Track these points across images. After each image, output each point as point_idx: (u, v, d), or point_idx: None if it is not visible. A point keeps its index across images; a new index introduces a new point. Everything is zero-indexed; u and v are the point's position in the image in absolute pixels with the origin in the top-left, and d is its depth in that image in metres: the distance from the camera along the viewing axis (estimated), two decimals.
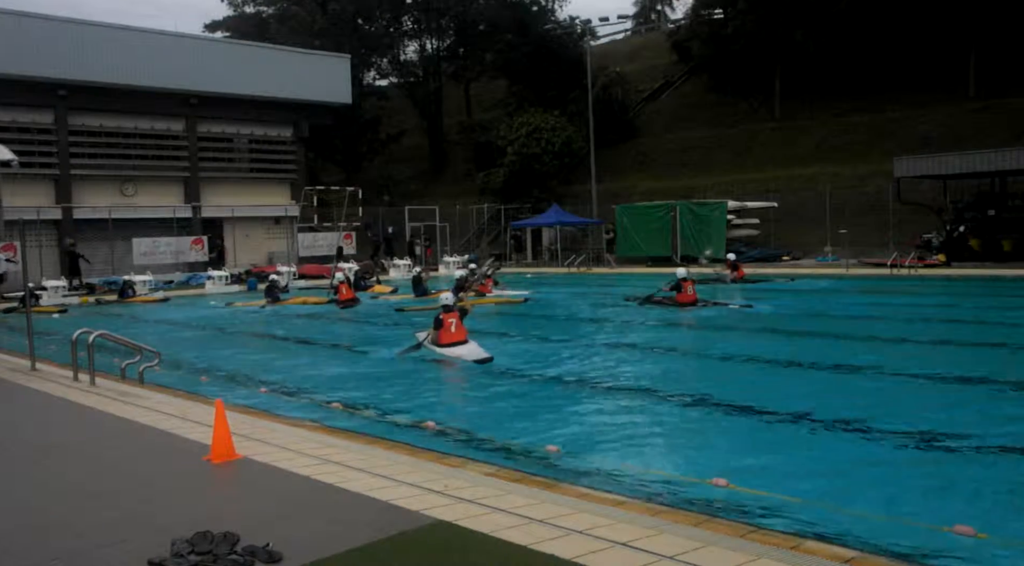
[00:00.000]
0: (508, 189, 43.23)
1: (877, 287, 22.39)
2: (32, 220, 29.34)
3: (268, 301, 22.75)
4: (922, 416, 7.89)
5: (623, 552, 4.18)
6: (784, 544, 4.40)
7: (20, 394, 9.78)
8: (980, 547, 4.77)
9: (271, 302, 22.58)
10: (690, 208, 33.90)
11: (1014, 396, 8.96)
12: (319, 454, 6.40)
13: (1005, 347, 11.98)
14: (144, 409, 8.43)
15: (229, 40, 47.20)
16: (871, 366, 10.55)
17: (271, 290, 23.12)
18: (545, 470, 6.49)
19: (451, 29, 53.63)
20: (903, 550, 4.67)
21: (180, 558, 4.14)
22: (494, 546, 4.30)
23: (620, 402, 9.22)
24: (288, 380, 11.19)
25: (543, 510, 4.92)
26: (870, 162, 34.57)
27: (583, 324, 17.16)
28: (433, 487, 5.41)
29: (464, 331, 12.69)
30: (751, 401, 8.74)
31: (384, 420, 8.59)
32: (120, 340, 10.93)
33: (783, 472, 6.42)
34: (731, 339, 13.92)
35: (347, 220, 37.91)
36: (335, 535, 4.50)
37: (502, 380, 10.72)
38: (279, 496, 5.35)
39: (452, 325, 12.55)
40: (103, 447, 6.97)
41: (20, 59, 29.96)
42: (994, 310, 16.76)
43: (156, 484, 5.72)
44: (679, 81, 50.83)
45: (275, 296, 22.87)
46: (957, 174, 27.80)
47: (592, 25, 45.05)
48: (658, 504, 5.42)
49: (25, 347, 12.31)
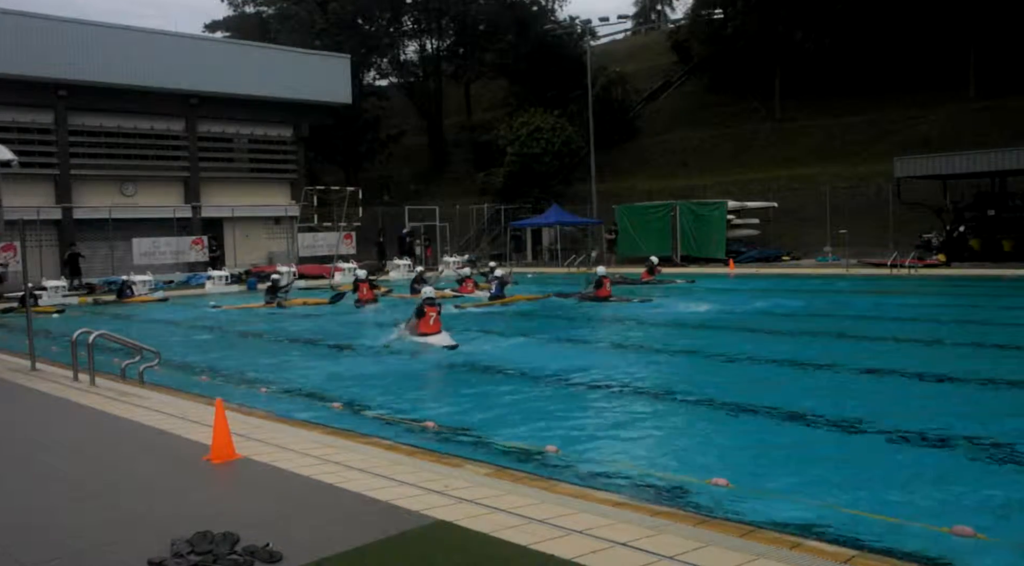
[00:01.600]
0: (508, 189, 43.22)
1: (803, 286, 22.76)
2: (32, 220, 29.33)
3: (275, 300, 22.18)
4: (922, 416, 7.89)
5: (623, 552, 4.18)
6: (784, 544, 4.39)
7: (20, 394, 9.78)
8: (980, 547, 4.77)
9: (271, 303, 22.23)
10: (690, 208, 33.90)
11: (1012, 395, 8.97)
12: (319, 454, 6.41)
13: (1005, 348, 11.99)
14: (144, 409, 8.43)
15: (229, 40, 47.22)
16: (870, 366, 10.55)
17: (272, 291, 22.88)
18: (545, 470, 6.49)
19: (451, 29, 53.63)
20: (903, 550, 4.67)
21: (180, 558, 4.14)
22: (494, 546, 4.30)
23: (620, 402, 9.22)
24: (288, 380, 11.19)
25: (543, 510, 4.92)
26: (870, 162, 34.58)
27: (583, 324, 17.15)
28: (433, 487, 5.41)
29: (440, 324, 13.84)
30: (751, 401, 8.74)
31: (384, 420, 8.59)
32: (120, 340, 10.93)
33: (783, 472, 6.42)
34: (732, 339, 13.92)
35: (347, 220, 37.91)
36: (335, 535, 4.50)
37: (502, 380, 10.73)
38: (279, 496, 5.35)
39: (432, 318, 13.72)
40: (103, 447, 6.97)
41: (20, 59, 29.95)
42: (988, 310, 16.78)
43: (156, 484, 5.72)
44: (679, 81, 50.85)
45: (276, 297, 22.51)
46: (957, 174, 27.80)
47: (592, 25, 45.01)
48: (658, 504, 5.42)
49: (25, 347, 12.31)
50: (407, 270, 32.18)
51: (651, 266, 26.16)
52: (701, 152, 43.09)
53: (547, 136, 41.94)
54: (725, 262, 31.37)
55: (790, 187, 35.42)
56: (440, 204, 42.28)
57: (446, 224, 41.35)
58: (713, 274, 28.87)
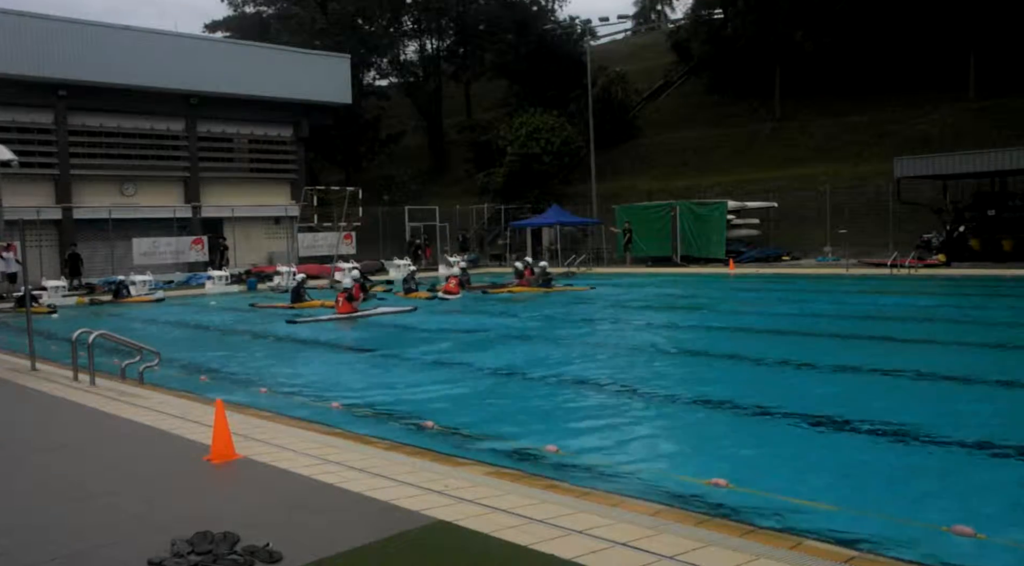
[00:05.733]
0: (508, 189, 43.22)
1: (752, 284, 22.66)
2: (32, 220, 29.34)
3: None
4: (922, 416, 7.88)
5: (623, 552, 4.18)
6: (784, 544, 4.40)
7: (20, 394, 9.78)
8: (980, 547, 4.77)
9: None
10: (690, 208, 33.89)
11: (1011, 395, 8.97)
12: (319, 454, 6.41)
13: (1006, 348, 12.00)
14: (144, 409, 8.43)
15: (229, 40, 47.24)
16: (868, 366, 10.55)
17: (298, 292, 21.83)
18: (545, 470, 6.49)
19: (451, 29, 53.67)
20: (903, 550, 4.67)
21: (180, 558, 4.14)
22: (494, 546, 4.30)
23: (620, 401, 9.22)
24: (288, 380, 11.18)
25: (543, 510, 4.92)
26: (870, 162, 34.59)
27: (584, 324, 17.15)
28: (433, 487, 5.41)
29: (348, 307, 18.31)
30: (752, 401, 8.74)
31: (384, 420, 8.59)
32: (120, 340, 10.92)
33: (783, 472, 6.42)
34: (732, 339, 13.92)
35: (347, 220, 37.90)
36: (335, 535, 4.50)
37: (502, 380, 10.73)
38: (279, 496, 5.35)
39: (340, 301, 18.35)
40: (103, 447, 6.97)
41: (20, 59, 29.97)
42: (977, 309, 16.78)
43: (156, 484, 5.72)
44: (679, 81, 50.87)
45: (301, 298, 21.55)
46: (957, 174, 27.80)
47: (592, 25, 45.17)
48: (658, 504, 5.42)
49: (25, 347, 12.31)
50: (407, 270, 32.15)
51: (521, 269, 25.14)
52: (701, 152, 43.09)
53: (547, 136, 41.95)
54: (725, 262, 31.38)
55: (790, 187, 35.42)
56: (440, 204, 42.28)
57: (446, 224, 41.35)
58: (716, 274, 28.91)
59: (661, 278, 28.52)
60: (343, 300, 18.85)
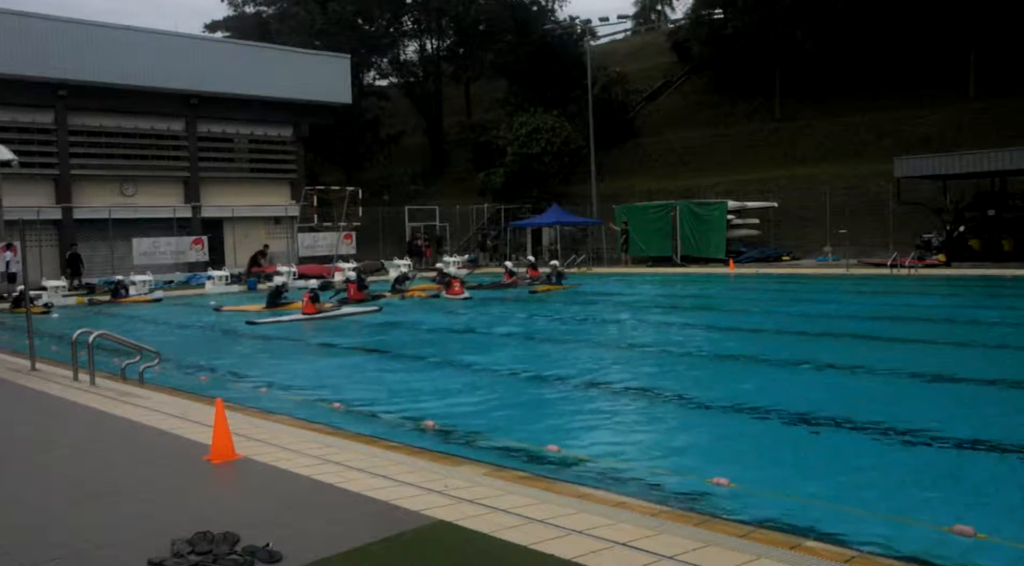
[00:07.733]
0: (508, 189, 43.22)
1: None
2: (32, 220, 29.34)
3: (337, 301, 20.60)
4: (921, 415, 7.89)
5: (623, 552, 4.18)
6: (784, 544, 4.40)
7: (20, 394, 9.78)
8: (980, 547, 4.76)
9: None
10: (690, 208, 33.90)
11: (1011, 395, 8.97)
12: (319, 454, 6.40)
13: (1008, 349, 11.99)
14: (144, 409, 8.43)
15: (229, 40, 47.21)
16: (868, 365, 10.54)
17: (275, 296, 21.33)
18: (545, 470, 6.49)
19: (451, 29, 53.62)
20: (903, 550, 4.67)
21: (180, 558, 4.14)
22: (494, 546, 4.30)
23: (621, 401, 9.22)
24: (288, 380, 11.18)
25: (543, 510, 4.92)
26: (870, 162, 34.58)
27: (583, 324, 17.15)
28: (433, 487, 5.41)
29: (312, 307, 18.59)
30: (752, 401, 8.74)
31: (384, 420, 8.59)
32: (121, 340, 10.92)
33: (783, 472, 6.42)
34: (731, 338, 13.92)
35: (347, 220, 37.91)
36: (335, 535, 4.50)
37: (502, 380, 10.73)
38: (279, 496, 5.35)
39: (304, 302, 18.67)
40: (103, 447, 6.96)
41: (20, 59, 29.95)
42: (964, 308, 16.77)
43: (156, 484, 5.71)
44: (679, 81, 50.87)
45: (276, 303, 21.01)
46: (957, 174, 27.79)
47: (592, 25, 45.17)
48: (658, 504, 5.42)
49: (25, 347, 12.30)
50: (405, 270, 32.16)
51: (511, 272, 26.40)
52: (701, 152, 43.09)
53: (547, 136, 41.94)
54: (725, 262, 31.38)
55: (790, 187, 35.43)
56: (440, 204, 42.27)
57: (446, 224, 41.34)
58: (716, 274, 28.91)
59: (661, 278, 28.58)
60: (308, 300, 18.94)
